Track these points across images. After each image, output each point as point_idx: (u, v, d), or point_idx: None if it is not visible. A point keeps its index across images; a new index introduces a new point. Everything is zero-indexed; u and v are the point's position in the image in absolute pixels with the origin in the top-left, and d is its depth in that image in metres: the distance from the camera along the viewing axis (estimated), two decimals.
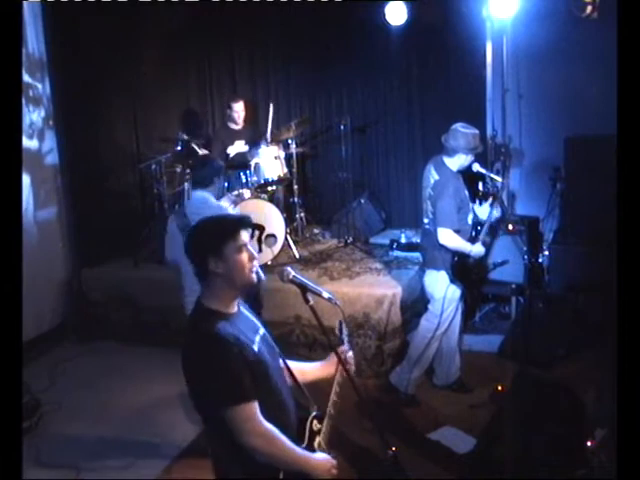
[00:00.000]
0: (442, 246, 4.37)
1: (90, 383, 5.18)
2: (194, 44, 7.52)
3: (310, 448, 2.33)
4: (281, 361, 2.46)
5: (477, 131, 4.40)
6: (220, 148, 6.86)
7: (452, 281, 4.42)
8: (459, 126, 4.36)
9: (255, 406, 2.15)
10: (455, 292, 4.48)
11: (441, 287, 4.46)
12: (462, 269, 4.42)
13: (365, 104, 7.21)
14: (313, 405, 2.45)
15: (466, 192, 4.49)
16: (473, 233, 4.48)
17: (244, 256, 2.28)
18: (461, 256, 4.39)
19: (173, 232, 4.04)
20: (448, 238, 4.33)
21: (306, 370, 2.65)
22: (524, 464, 3.51)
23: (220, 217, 2.50)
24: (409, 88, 6.95)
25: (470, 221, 4.49)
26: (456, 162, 4.40)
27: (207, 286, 2.29)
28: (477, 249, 4.40)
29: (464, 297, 4.81)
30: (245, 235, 2.30)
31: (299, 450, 2.26)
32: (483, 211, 4.59)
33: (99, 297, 6.16)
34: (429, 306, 4.60)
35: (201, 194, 4.11)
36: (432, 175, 4.43)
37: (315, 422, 2.39)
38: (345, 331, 2.62)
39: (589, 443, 3.49)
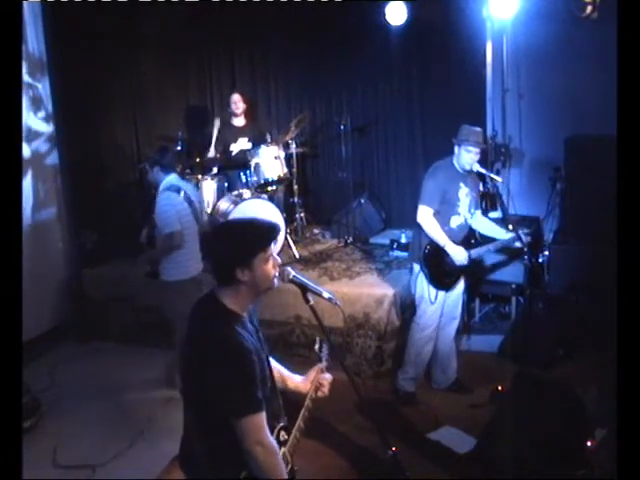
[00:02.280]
0: (419, 232, 4.41)
1: (90, 383, 5.18)
2: (194, 44, 7.52)
3: None
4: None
5: (473, 128, 4.41)
6: (223, 145, 6.86)
7: (421, 268, 4.43)
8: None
9: (264, 415, 2.15)
10: (425, 289, 4.45)
11: (416, 284, 4.52)
12: (433, 261, 4.40)
13: (365, 104, 7.20)
14: (283, 415, 2.43)
15: (461, 196, 4.43)
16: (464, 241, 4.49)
17: (270, 265, 2.27)
18: (434, 247, 4.37)
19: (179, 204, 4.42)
20: (425, 217, 4.35)
21: (283, 378, 2.61)
22: (524, 464, 3.51)
23: (250, 226, 2.33)
24: (409, 88, 6.95)
25: (455, 226, 4.46)
26: (455, 156, 4.42)
27: (228, 288, 2.25)
28: (456, 251, 4.36)
29: (463, 302, 4.81)
30: (273, 245, 2.29)
31: (283, 466, 2.24)
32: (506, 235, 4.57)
33: (99, 297, 6.16)
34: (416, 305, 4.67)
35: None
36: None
37: (282, 433, 2.36)
38: (325, 350, 2.58)
39: (589, 443, 3.50)
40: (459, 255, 4.37)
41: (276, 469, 2.18)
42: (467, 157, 4.37)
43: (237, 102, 6.86)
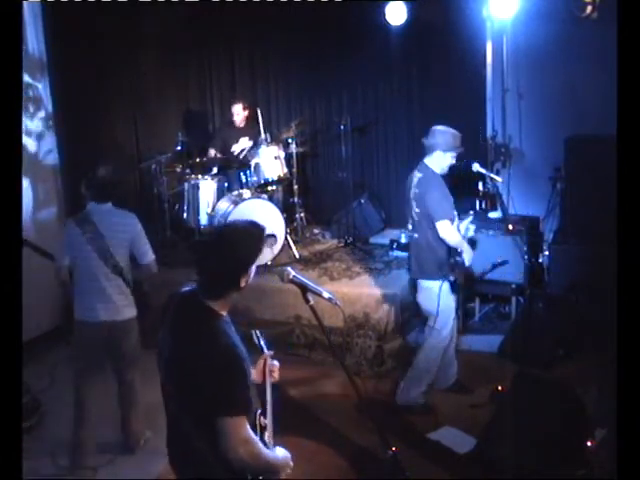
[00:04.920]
0: (436, 247, 4.26)
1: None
2: (194, 44, 7.53)
3: (262, 443, 2.30)
4: None
5: (457, 132, 4.32)
6: (223, 145, 6.88)
7: (451, 285, 4.29)
8: (438, 126, 4.33)
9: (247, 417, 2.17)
10: (451, 299, 4.38)
11: (440, 299, 4.27)
12: (456, 269, 4.31)
13: (365, 104, 7.21)
14: (258, 401, 2.42)
15: (451, 199, 4.39)
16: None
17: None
18: (454, 255, 4.29)
19: (74, 237, 3.91)
20: (448, 230, 4.20)
21: None
22: (524, 464, 3.51)
23: (249, 230, 2.30)
24: (409, 88, 6.95)
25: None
26: (435, 162, 4.30)
27: (221, 296, 2.24)
28: (470, 252, 4.30)
29: (457, 301, 4.75)
30: None
31: (269, 453, 2.25)
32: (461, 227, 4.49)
33: None
34: (429, 322, 4.41)
35: (113, 207, 4.00)
36: (415, 175, 4.36)
37: (262, 418, 2.36)
38: (262, 339, 2.59)
39: (589, 443, 3.50)
40: (470, 255, 4.31)
41: (262, 458, 2.18)
42: (447, 161, 4.30)
43: (236, 114, 6.88)
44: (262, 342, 2.59)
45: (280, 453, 2.33)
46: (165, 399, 2.34)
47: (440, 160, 4.30)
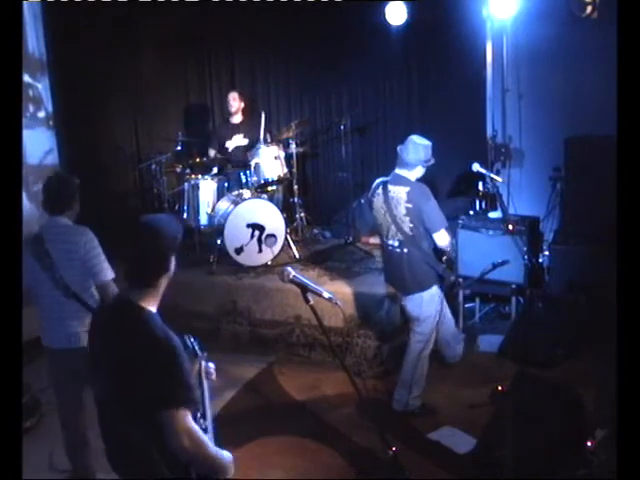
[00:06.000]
0: (431, 256, 4.23)
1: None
2: (194, 44, 7.53)
3: None
4: None
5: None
6: (218, 142, 6.89)
7: (452, 286, 4.37)
8: (417, 139, 4.23)
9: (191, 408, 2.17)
10: (439, 299, 4.35)
11: (432, 304, 4.28)
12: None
13: (365, 104, 7.21)
14: (200, 403, 2.43)
15: None
16: None
17: None
18: (442, 257, 4.35)
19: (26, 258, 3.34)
20: (445, 238, 4.20)
21: None
22: (524, 464, 3.51)
23: (167, 216, 2.42)
24: (409, 88, 6.95)
25: None
26: (413, 174, 4.23)
27: (149, 290, 2.25)
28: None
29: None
30: None
31: (213, 447, 2.24)
32: None
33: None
34: (415, 328, 4.37)
35: (67, 222, 3.58)
36: (398, 190, 4.21)
37: (202, 420, 2.35)
38: (195, 343, 2.57)
39: (589, 443, 3.50)
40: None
41: (207, 451, 2.17)
42: (421, 174, 4.25)
43: (233, 100, 6.88)
44: (195, 345, 2.57)
45: (225, 454, 2.29)
46: (101, 408, 2.33)
47: (418, 173, 4.24)
